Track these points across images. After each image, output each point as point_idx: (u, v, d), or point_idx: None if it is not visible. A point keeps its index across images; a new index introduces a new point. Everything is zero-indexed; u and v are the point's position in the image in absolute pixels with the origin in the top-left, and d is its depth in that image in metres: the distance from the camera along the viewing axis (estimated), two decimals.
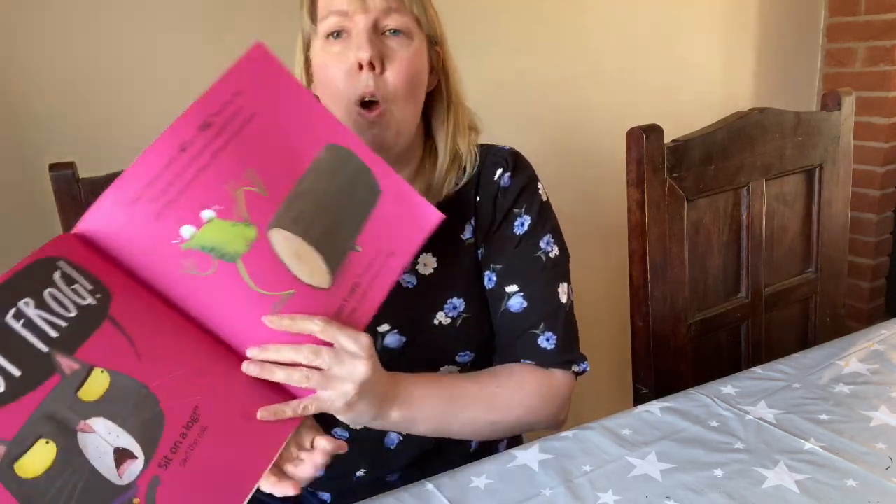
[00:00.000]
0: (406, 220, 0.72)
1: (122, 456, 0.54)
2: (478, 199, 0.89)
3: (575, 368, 0.88)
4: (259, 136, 0.65)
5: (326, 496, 0.94)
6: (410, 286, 0.87)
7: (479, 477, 0.76)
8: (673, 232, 1.13)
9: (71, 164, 1.03)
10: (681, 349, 1.17)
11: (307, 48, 0.86)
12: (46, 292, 0.57)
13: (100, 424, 0.55)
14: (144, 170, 0.61)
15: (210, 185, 0.62)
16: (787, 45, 2.30)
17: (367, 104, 0.80)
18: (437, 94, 0.89)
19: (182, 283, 0.62)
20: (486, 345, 0.92)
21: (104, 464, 0.54)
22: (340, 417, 0.71)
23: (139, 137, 1.40)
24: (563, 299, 0.89)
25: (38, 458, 0.52)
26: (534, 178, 0.91)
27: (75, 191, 1.02)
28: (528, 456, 0.80)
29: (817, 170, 1.29)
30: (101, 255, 0.61)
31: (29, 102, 1.26)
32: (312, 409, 0.67)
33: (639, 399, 1.12)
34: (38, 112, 1.27)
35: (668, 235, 1.12)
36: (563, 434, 0.84)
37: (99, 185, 1.03)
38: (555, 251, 0.90)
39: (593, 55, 1.89)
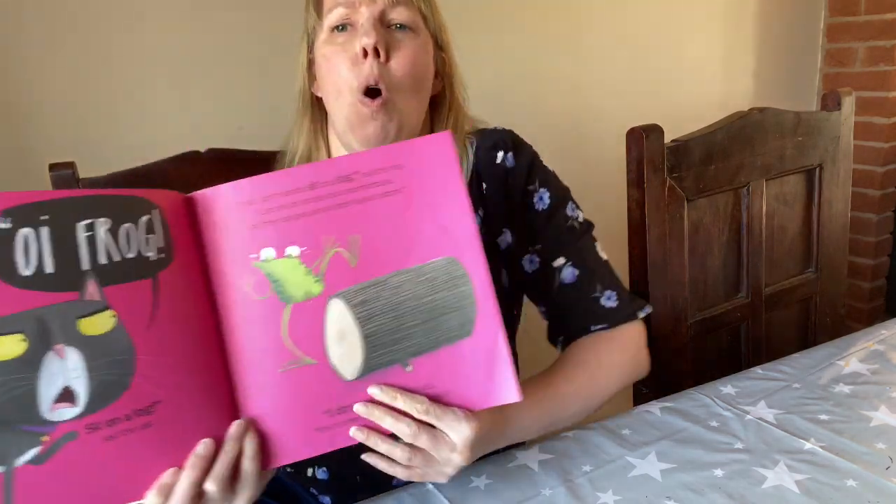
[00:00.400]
0: (478, 377, 0.66)
1: (65, 395, 0.55)
2: (483, 186, 0.88)
3: (641, 314, 0.91)
4: (387, 212, 0.65)
5: (327, 500, 0.94)
6: None
7: (479, 477, 0.76)
8: (673, 232, 1.13)
9: (71, 164, 1.03)
10: (681, 349, 1.17)
11: (311, 48, 0.86)
12: (125, 226, 0.59)
13: (73, 356, 0.55)
14: (270, 184, 0.64)
15: (310, 230, 0.64)
16: (787, 45, 2.30)
17: (370, 93, 0.78)
18: (441, 99, 0.89)
19: (234, 292, 0.63)
20: None
21: (47, 391, 0.54)
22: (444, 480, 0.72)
23: (139, 137, 1.41)
24: (605, 256, 0.91)
25: (6, 347, 0.53)
26: (534, 153, 0.91)
27: None
28: (528, 456, 0.80)
29: (817, 170, 1.29)
30: (191, 224, 0.64)
31: (29, 102, 1.26)
32: (413, 479, 0.70)
33: (639, 399, 1.12)
34: (38, 112, 1.27)
35: (668, 235, 1.12)
36: (563, 434, 0.84)
37: (99, 186, 1.04)
38: (580, 215, 0.91)
39: (593, 55, 1.89)
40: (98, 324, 0.56)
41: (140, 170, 1.06)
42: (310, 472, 0.91)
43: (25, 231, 0.54)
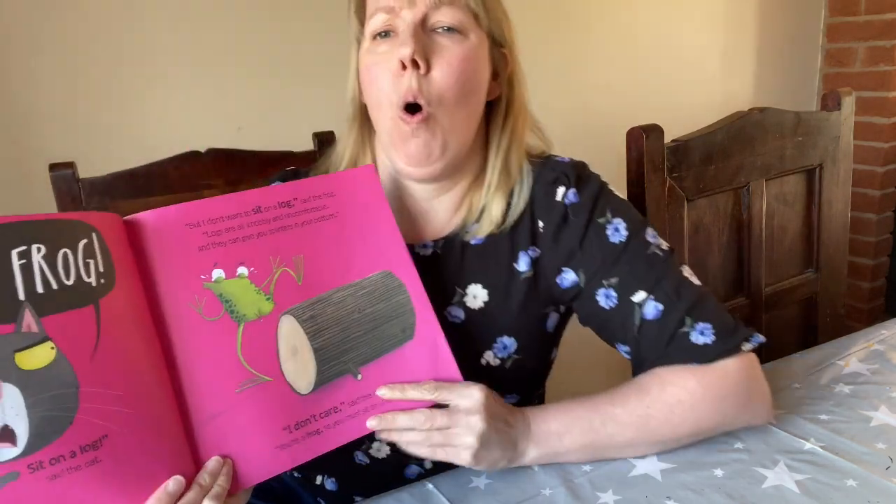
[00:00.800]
0: (425, 375, 0.72)
1: (4, 435, 0.51)
2: (539, 224, 0.81)
3: (746, 347, 0.76)
4: (324, 234, 0.71)
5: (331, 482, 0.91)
6: (458, 321, 0.81)
7: (478, 477, 0.76)
8: (673, 232, 1.13)
9: (71, 164, 1.03)
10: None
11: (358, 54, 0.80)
12: (62, 251, 0.56)
13: (11, 394, 0.52)
14: (216, 207, 0.66)
15: (258, 250, 0.66)
16: (787, 45, 2.30)
17: (410, 108, 0.73)
18: (499, 103, 0.81)
19: (183, 314, 0.63)
20: (532, 387, 0.88)
21: None
22: (474, 468, 0.72)
23: (139, 137, 1.41)
24: (696, 281, 0.80)
25: None
26: (602, 183, 0.83)
27: (75, 191, 1.03)
28: None
29: (817, 170, 1.29)
30: (133, 248, 0.62)
31: (29, 102, 1.26)
32: (442, 455, 0.70)
33: None
34: (38, 112, 1.27)
35: (667, 235, 1.12)
36: None
37: (99, 185, 1.04)
38: (663, 242, 0.82)
39: (593, 55, 1.90)
40: (37, 357, 0.53)
41: (140, 170, 1.06)
42: (318, 479, 0.90)
43: None
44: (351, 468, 0.85)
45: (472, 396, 0.69)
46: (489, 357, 0.81)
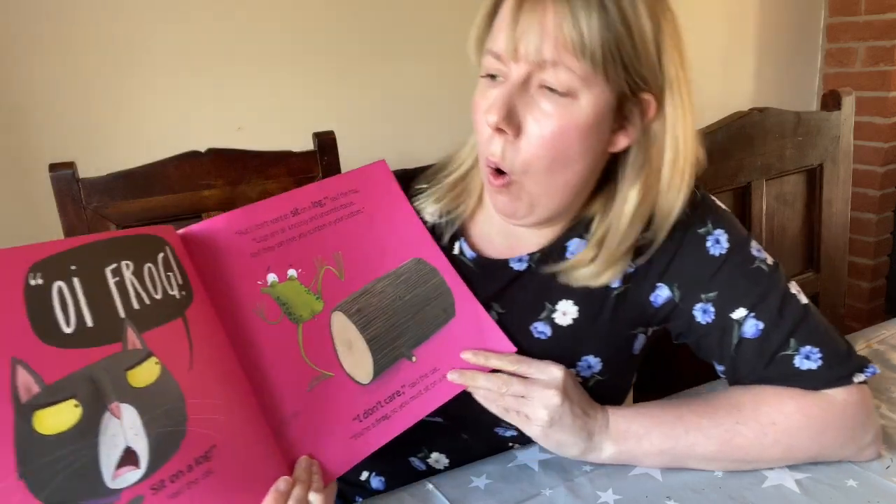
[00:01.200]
0: (476, 347, 0.75)
1: (127, 458, 0.50)
2: None
3: (858, 378, 0.71)
4: (356, 229, 0.73)
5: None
6: (544, 337, 0.78)
7: (479, 477, 0.76)
8: None
9: (71, 164, 1.03)
10: (681, 348, 1.17)
11: None
12: (147, 265, 0.56)
13: (129, 414, 0.51)
14: (260, 212, 0.67)
15: (302, 251, 0.69)
16: (787, 45, 2.30)
17: (496, 170, 0.70)
18: (631, 154, 0.72)
19: (249, 320, 0.64)
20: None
21: (109, 457, 0.50)
22: (543, 445, 0.73)
23: (139, 138, 1.41)
24: (804, 300, 0.74)
25: (60, 417, 0.48)
26: (703, 192, 0.78)
27: (75, 191, 1.03)
28: (528, 455, 0.80)
29: (817, 170, 1.29)
30: (193, 261, 0.62)
31: (29, 102, 1.26)
32: (513, 419, 0.71)
33: (639, 398, 1.12)
34: (38, 112, 1.27)
35: None
36: None
37: (99, 185, 1.04)
38: (768, 256, 0.76)
39: None
40: (145, 373, 0.53)
41: (140, 170, 1.06)
42: (364, 476, 0.89)
43: (59, 284, 0.50)
44: (404, 470, 0.85)
45: (551, 373, 0.71)
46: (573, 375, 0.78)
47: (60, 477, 0.47)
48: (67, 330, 0.50)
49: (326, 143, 1.16)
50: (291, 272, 0.68)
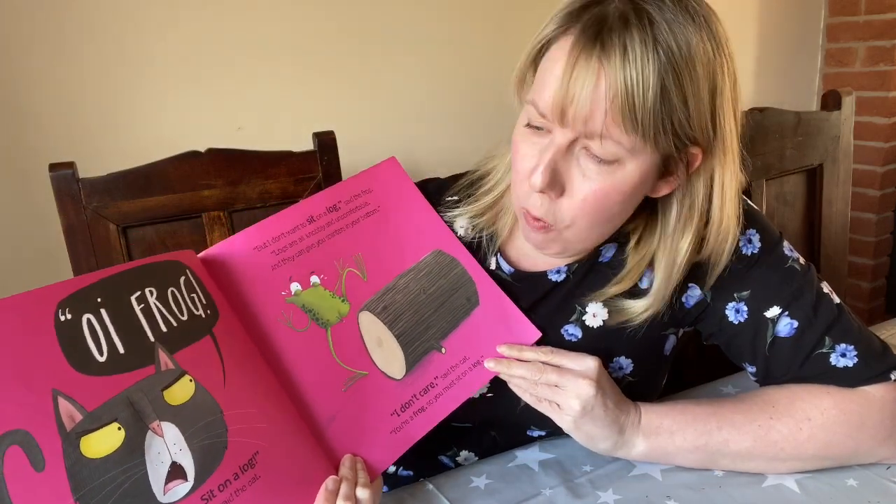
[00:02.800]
0: (502, 334, 0.75)
1: (175, 472, 0.53)
2: None
3: (895, 376, 0.71)
4: (374, 229, 0.75)
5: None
6: (574, 339, 0.78)
7: (479, 477, 0.76)
8: None
9: (71, 164, 1.03)
10: (682, 349, 1.17)
11: None
12: (170, 290, 0.59)
13: (170, 431, 0.54)
14: (275, 225, 0.69)
15: (323, 257, 0.70)
16: (787, 45, 2.30)
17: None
18: (675, 198, 0.70)
19: (277, 331, 0.66)
20: None
21: (157, 473, 0.52)
22: (576, 437, 0.72)
23: (139, 137, 1.41)
24: (836, 299, 0.74)
25: (105, 441, 0.51)
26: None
27: (75, 191, 1.03)
28: (528, 455, 0.80)
29: (817, 170, 1.29)
30: (216, 281, 0.65)
31: (29, 102, 1.26)
32: (545, 408, 0.71)
33: None
34: (38, 112, 1.27)
35: None
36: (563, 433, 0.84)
37: (99, 185, 1.04)
38: (800, 256, 0.76)
39: None
40: (181, 391, 0.56)
41: (140, 170, 1.06)
42: (391, 469, 0.90)
43: (88, 317, 0.53)
44: (431, 466, 0.85)
45: (585, 363, 0.70)
46: None
47: (114, 497, 0.50)
48: (101, 359, 0.53)
49: (326, 143, 1.16)
50: (314, 279, 0.69)
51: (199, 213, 1.09)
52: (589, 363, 0.70)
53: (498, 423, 0.81)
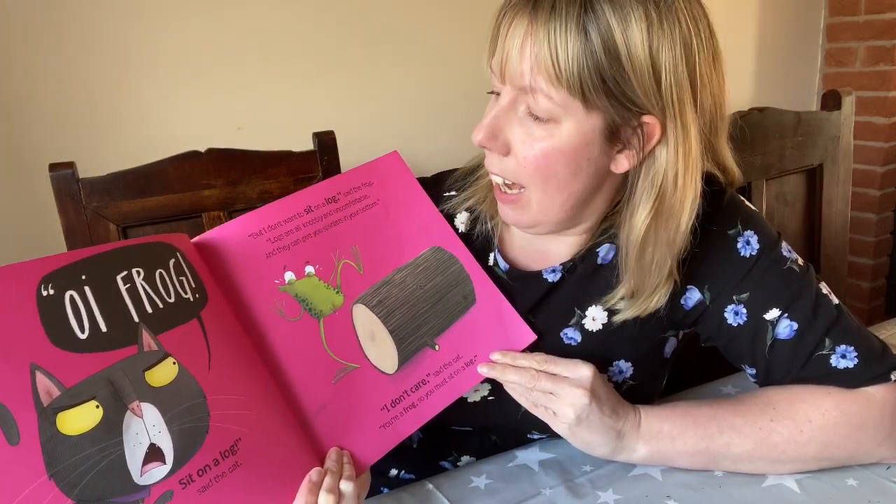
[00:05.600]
0: (497, 334, 0.75)
1: (152, 454, 0.53)
2: None
3: (895, 376, 0.71)
4: (373, 222, 0.74)
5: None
6: (574, 343, 0.77)
7: (479, 477, 0.76)
8: None
9: (71, 164, 1.03)
10: (681, 349, 1.17)
11: None
12: (158, 271, 0.58)
13: (150, 412, 0.53)
14: (272, 213, 0.68)
15: (319, 247, 0.70)
16: (787, 45, 2.30)
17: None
18: (639, 177, 0.68)
19: (268, 319, 0.65)
20: None
21: (134, 454, 0.52)
22: (573, 443, 0.72)
23: (139, 137, 1.41)
24: (835, 300, 0.74)
25: (83, 418, 0.50)
26: (732, 193, 0.78)
27: (75, 190, 1.03)
28: (528, 455, 0.80)
29: (817, 169, 1.29)
30: (208, 266, 0.64)
31: (29, 102, 1.26)
32: (541, 414, 0.71)
33: None
34: (38, 112, 1.27)
35: None
36: None
37: (99, 185, 1.04)
38: (798, 257, 0.75)
39: None
40: (163, 373, 0.55)
41: (140, 170, 1.06)
42: (393, 472, 0.89)
43: (71, 293, 0.52)
44: (432, 471, 0.85)
45: (580, 372, 0.70)
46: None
47: (89, 476, 0.50)
48: (82, 336, 0.52)
49: (326, 143, 1.16)
50: (309, 269, 0.69)
51: (199, 213, 1.10)
52: (583, 372, 0.70)
53: (499, 427, 0.81)
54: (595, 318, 0.77)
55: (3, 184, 1.25)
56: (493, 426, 0.81)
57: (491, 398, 0.78)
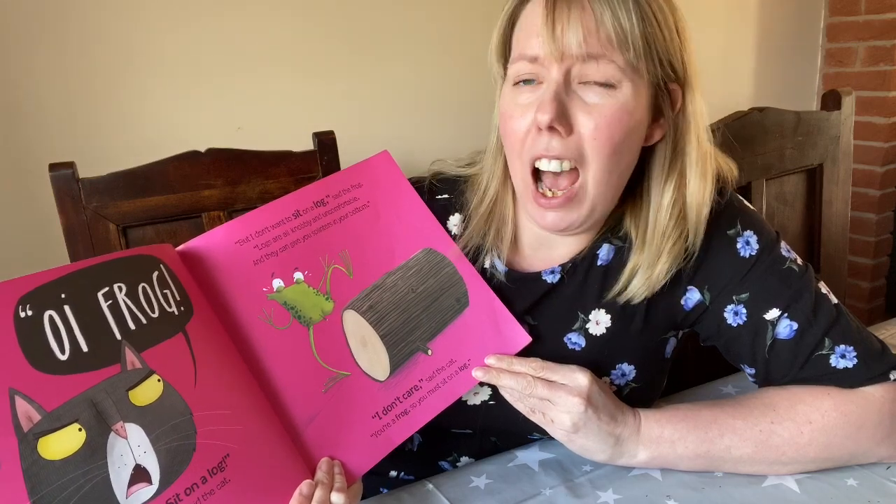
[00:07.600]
0: (491, 337, 0.73)
1: (138, 475, 0.51)
2: None
3: (894, 376, 0.71)
4: (362, 225, 0.72)
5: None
6: (578, 349, 0.77)
7: (479, 477, 0.76)
8: None
9: (71, 164, 1.03)
10: (681, 349, 1.17)
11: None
12: (141, 286, 0.57)
13: (135, 433, 0.52)
14: (260, 219, 0.67)
15: (307, 253, 0.68)
16: (787, 45, 2.30)
17: (538, 174, 0.69)
18: (663, 148, 0.72)
19: (256, 328, 0.64)
20: None
21: (119, 476, 0.50)
22: (572, 449, 0.72)
23: (139, 137, 1.41)
24: (834, 299, 0.74)
25: (65, 442, 0.49)
26: (732, 193, 0.78)
27: (75, 191, 1.03)
28: (528, 455, 0.80)
29: (817, 169, 1.29)
30: (194, 276, 0.63)
31: (29, 102, 1.26)
32: (539, 419, 0.71)
33: None
34: (38, 112, 1.27)
35: None
36: None
37: (99, 185, 1.04)
38: (798, 257, 0.75)
39: None
40: (148, 392, 0.54)
41: (140, 170, 1.06)
42: (392, 473, 0.89)
43: (49, 314, 0.51)
44: (432, 472, 0.85)
45: (576, 379, 0.69)
46: (606, 383, 0.77)
47: (73, 500, 0.48)
48: (62, 357, 0.51)
49: (326, 143, 1.16)
50: (298, 275, 0.67)
51: (199, 214, 1.09)
52: (580, 380, 0.69)
53: (499, 430, 0.81)
54: (599, 321, 0.77)
55: (3, 184, 1.25)
56: (494, 429, 0.81)
57: (492, 402, 0.78)
